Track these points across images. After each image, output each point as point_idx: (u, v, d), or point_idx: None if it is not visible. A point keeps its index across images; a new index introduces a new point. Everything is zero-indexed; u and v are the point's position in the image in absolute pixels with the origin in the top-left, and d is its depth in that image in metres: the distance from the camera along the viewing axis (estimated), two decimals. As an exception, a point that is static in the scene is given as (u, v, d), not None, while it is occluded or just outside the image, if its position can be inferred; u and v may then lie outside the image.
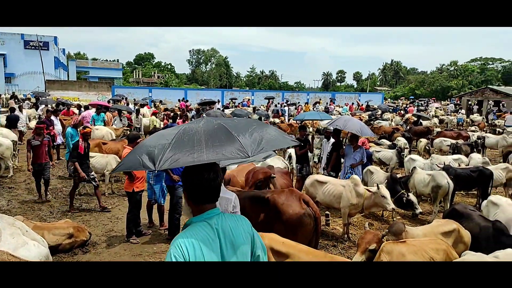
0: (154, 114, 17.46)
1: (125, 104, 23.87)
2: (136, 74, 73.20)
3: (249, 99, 36.73)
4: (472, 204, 8.81)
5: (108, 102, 22.74)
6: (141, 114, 18.53)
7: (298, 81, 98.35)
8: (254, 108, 27.80)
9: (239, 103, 33.14)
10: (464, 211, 5.26)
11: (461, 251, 4.53)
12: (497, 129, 20.45)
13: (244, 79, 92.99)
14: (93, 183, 8.15)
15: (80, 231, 6.32)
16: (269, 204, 4.14)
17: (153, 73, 75.26)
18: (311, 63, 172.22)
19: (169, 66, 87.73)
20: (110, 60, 78.64)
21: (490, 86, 37.12)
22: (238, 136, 2.18)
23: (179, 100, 33.41)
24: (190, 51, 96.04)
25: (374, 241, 3.94)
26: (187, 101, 33.22)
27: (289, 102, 32.84)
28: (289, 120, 21.75)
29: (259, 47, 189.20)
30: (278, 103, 32.23)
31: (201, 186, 2.03)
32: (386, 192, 6.04)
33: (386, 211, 8.00)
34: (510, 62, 73.78)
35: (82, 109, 16.86)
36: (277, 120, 20.48)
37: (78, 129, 9.33)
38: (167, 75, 69.70)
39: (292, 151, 10.44)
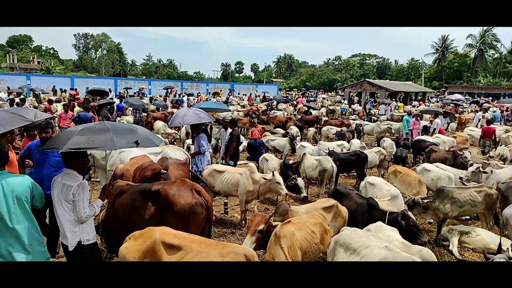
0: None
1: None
2: (10, 59, 63.53)
3: (141, 89, 34.85)
4: (352, 185, 9.90)
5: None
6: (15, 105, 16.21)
7: (197, 71, 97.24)
8: (151, 98, 26.66)
9: (135, 93, 31.41)
10: (345, 191, 5.89)
11: (339, 224, 5.09)
12: (373, 118, 23.25)
13: (140, 67, 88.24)
14: None
15: None
16: (159, 197, 4.01)
17: (32, 58, 66.28)
18: (210, 53, 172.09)
19: (51, 51, 78.28)
20: (-26, 42, 66.67)
21: (367, 79, 41.95)
22: None
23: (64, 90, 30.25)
24: (75, 35, 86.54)
25: (262, 222, 4.24)
26: (75, 89, 30.21)
27: (188, 92, 32.36)
28: (188, 110, 21.38)
29: (155, 34, 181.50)
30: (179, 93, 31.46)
31: None
32: (280, 178, 6.40)
33: (280, 196, 8.48)
34: (383, 59, 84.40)
35: None
36: (175, 111, 19.96)
37: None
38: (49, 61, 62.09)
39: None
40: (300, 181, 7.86)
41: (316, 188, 9.91)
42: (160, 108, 20.48)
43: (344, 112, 28.36)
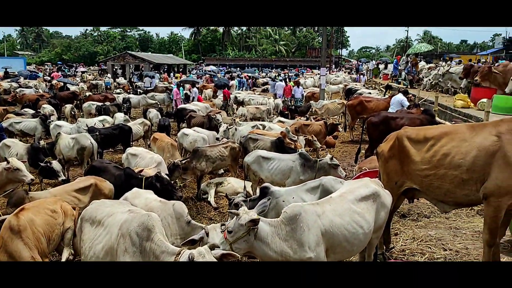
0: None
1: None
2: None
3: None
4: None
5: None
6: None
7: None
8: None
9: None
10: (101, 165, 5.66)
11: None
12: (139, 90, 23.08)
13: None
14: None
15: None
16: None
17: None
18: None
19: None
20: None
21: (129, 52, 40.88)
22: None
23: None
24: None
25: None
26: None
27: None
28: None
29: None
30: None
31: None
32: (19, 164, 5.43)
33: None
34: (144, 31, 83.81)
35: None
36: None
37: None
38: None
39: None
40: (56, 164, 7.01)
41: (79, 170, 9.13)
42: None
43: (109, 86, 26.90)
